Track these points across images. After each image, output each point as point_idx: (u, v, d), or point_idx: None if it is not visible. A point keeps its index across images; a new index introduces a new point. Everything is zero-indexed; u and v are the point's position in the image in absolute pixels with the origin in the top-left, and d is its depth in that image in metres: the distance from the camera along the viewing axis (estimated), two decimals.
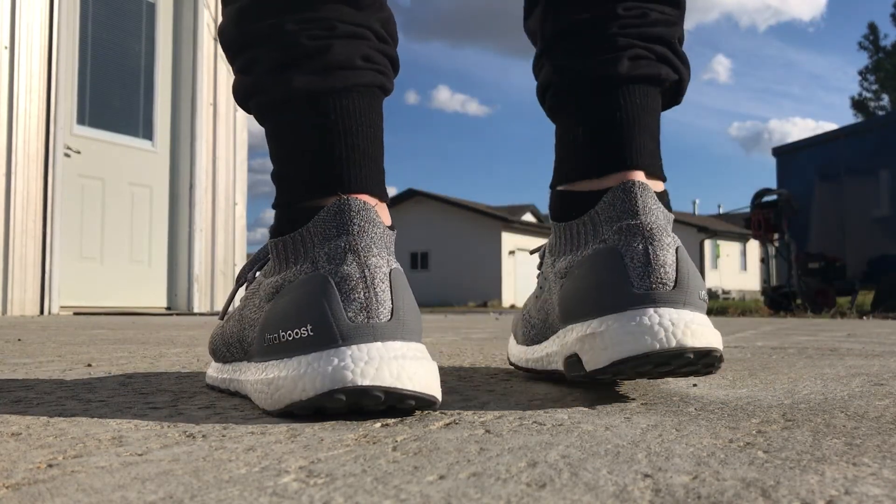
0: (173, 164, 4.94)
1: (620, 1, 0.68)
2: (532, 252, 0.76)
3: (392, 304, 0.55)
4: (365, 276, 0.55)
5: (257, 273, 0.66)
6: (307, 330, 0.54)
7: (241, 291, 0.71)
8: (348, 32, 0.61)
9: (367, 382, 0.51)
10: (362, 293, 0.54)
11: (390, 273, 0.56)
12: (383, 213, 0.62)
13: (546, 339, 0.72)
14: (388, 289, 0.55)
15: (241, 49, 0.63)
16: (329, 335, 0.53)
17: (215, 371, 0.70)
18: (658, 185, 0.67)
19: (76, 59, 4.44)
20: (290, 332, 0.55)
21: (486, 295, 20.13)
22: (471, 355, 1.18)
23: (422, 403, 0.53)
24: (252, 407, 0.60)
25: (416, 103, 62.55)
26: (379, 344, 0.53)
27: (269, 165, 0.64)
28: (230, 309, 0.72)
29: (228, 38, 0.64)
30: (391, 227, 0.60)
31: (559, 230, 0.69)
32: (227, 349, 0.67)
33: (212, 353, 0.72)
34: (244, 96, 0.64)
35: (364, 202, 0.58)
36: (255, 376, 0.58)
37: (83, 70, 4.50)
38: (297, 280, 0.56)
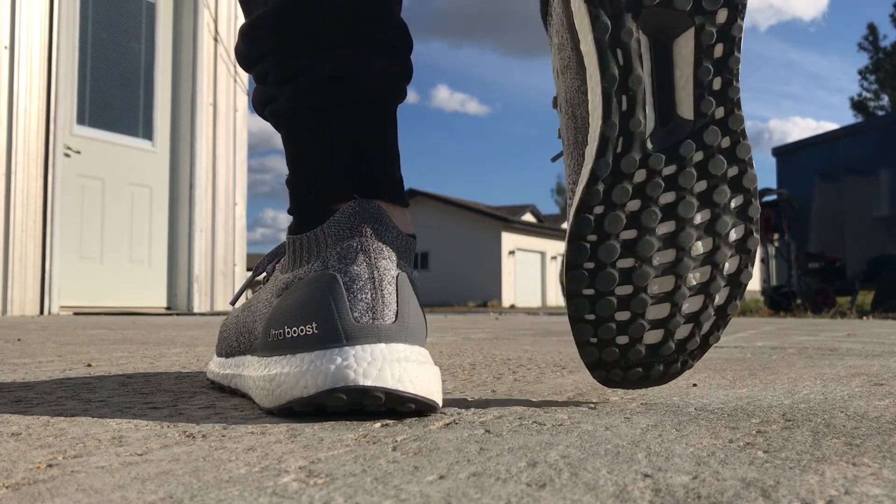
0: (173, 164, 4.94)
1: None
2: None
3: (397, 306, 0.55)
4: (373, 278, 0.55)
5: (276, 267, 0.66)
6: (312, 328, 0.54)
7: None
8: (353, 43, 0.61)
9: (368, 383, 0.51)
10: (369, 294, 0.54)
11: (397, 277, 0.56)
12: (402, 220, 0.62)
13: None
14: (394, 291, 0.55)
15: (252, 64, 0.65)
16: (334, 334, 0.53)
17: (217, 366, 0.71)
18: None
19: (76, 59, 4.44)
20: (295, 328, 0.55)
21: (486, 295, 20.13)
22: (471, 355, 1.18)
23: (422, 407, 0.53)
24: (252, 407, 0.60)
25: (416, 102, 62.53)
26: (383, 345, 0.53)
27: (269, 165, 0.65)
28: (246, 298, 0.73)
29: (240, 54, 0.66)
30: (412, 235, 0.60)
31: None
32: (237, 338, 0.67)
33: (219, 342, 0.72)
34: (259, 104, 0.66)
35: (379, 206, 0.58)
36: (258, 372, 0.58)
37: (83, 70, 4.50)
38: (307, 278, 0.57)
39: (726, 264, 0.57)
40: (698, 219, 0.56)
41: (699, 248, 0.56)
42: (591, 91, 0.56)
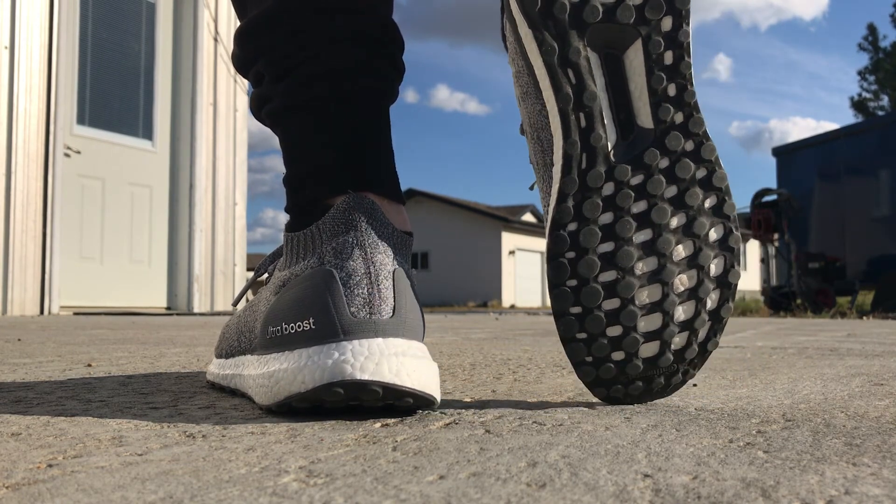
0: (173, 164, 4.93)
1: None
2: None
3: (394, 301, 0.55)
4: (370, 272, 0.55)
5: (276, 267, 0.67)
6: (309, 323, 0.54)
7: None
8: (342, 40, 0.62)
9: (366, 377, 0.51)
10: (366, 289, 0.54)
11: (394, 272, 0.56)
12: (398, 216, 0.62)
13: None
14: (391, 286, 0.55)
15: (248, 66, 0.66)
16: (331, 329, 0.53)
17: (217, 367, 0.71)
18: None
19: (76, 59, 4.44)
20: (292, 324, 0.55)
21: (486, 295, 20.13)
22: (471, 355, 1.18)
23: (420, 402, 0.53)
24: (252, 407, 0.60)
25: (416, 102, 62.39)
26: (380, 340, 0.53)
27: (269, 165, 0.65)
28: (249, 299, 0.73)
29: (235, 59, 0.68)
30: (408, 233, 0.61)
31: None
32: (238, 337, 0.67)
33: (218, 344, 0.72)
34: (256, 107, 0.67)
35: (372, 201, 0.58)
36: (257, 370, 0.58)
37: (83, 70, 4.50)
38: (303, 274, 0.57)
39: (712, 266, 0.57)
40: (674, 223, 0.56)
41: (680, 251, 0.56)
42: (550, 113, 0.57)
